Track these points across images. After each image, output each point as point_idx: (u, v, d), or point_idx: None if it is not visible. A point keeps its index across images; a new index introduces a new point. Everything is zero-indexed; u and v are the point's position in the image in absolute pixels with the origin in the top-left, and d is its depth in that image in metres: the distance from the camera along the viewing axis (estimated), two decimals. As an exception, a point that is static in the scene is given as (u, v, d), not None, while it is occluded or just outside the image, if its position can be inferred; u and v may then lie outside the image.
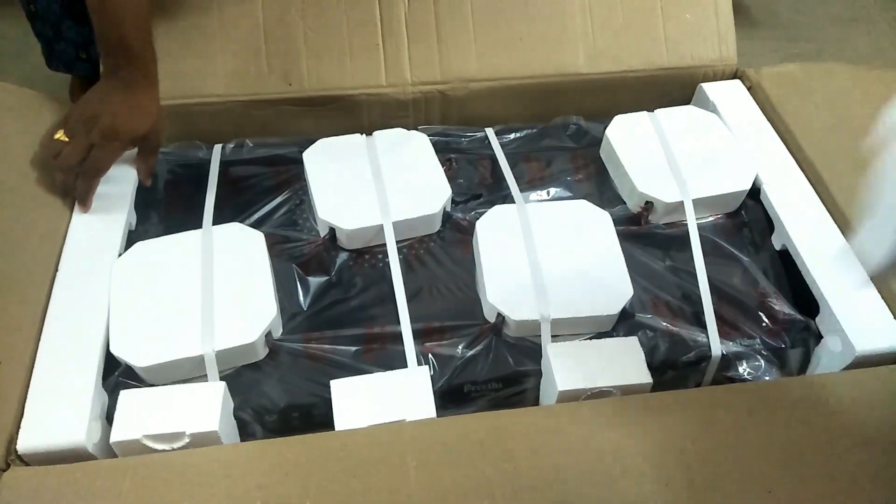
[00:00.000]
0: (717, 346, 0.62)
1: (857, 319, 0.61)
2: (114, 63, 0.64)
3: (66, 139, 0.64)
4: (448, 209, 0.71)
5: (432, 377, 0.59)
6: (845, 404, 0.54)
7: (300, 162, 0.73)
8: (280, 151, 0.76)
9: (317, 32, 0.76)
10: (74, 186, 0.66)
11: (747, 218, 0.72)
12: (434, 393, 0.58)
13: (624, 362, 0.58)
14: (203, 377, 0.59)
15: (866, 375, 0.57)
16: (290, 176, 0.74)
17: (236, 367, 0.61)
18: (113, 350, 0.58)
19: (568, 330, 0.63)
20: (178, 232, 0.67)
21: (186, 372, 0.59)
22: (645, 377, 0.57)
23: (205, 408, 0.55)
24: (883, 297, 0.62)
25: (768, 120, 0.78)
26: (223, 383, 0.57)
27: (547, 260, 0.65)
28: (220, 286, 0.62)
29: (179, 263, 0.64)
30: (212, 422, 0.54)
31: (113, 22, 0.61)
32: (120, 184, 0.71)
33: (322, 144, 0.74)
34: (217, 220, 0.69)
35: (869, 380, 0.57)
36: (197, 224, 0.68)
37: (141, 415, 0.54)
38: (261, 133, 0.78)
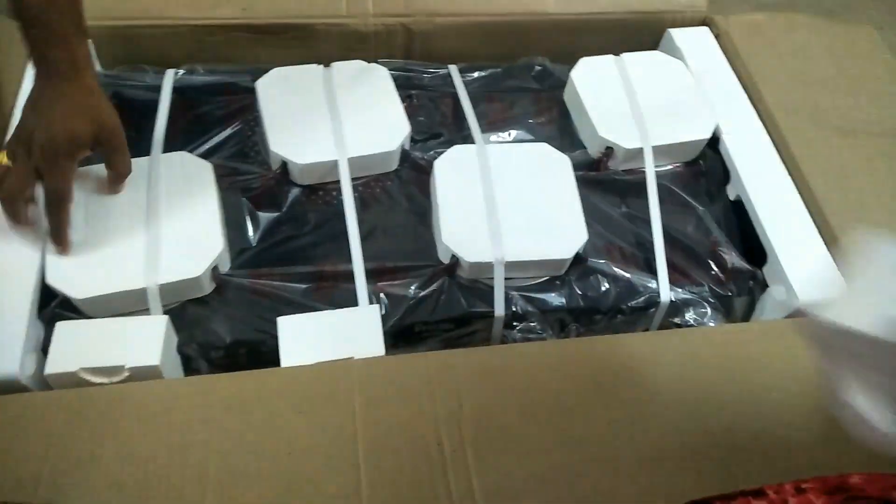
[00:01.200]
0: (666, 293, 0.63)
1: (801, 270, 0.62)
2: (37, 51, 0.53)
3: (9, 162, 0.53)
4: (406, 147, 0.69)
5: (383, 316, 0.59)
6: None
7: (253, 91, 0.70)
8: (232, 79, 0.73)
9: (272, -47, 0.72)
10: (26, 216, 0.55)
11: (705, 167, 0.72)
12: (385, 332, 0.57)
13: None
14: (146, 311, 0.57)
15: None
16: (243, 105, 0.71)
17: (181, 301, 0.59)
18: (49, 280, 0.56)
19: (521, 273, 0.63)
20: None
21: (128, 305, 0.57)
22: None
23: (146, 341, 0.53)
24: (831, 252, 0.63)
25: (733, 69, 0.77)
26: (166, 317, 0.55)
27: (504, 203, 0.64)
28: (166, 217, 0.60)
29: (124, 192, 0.61)
30: (153, 356, 0.52)
31: None
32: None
33: (276, 74, 0.70)
34: (165, 149, 0.66)
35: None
36: (144, 152, 0.65)
37: (78, 347, 0.53)
38: (212, 60, 0.74)
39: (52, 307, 0.57)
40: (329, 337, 0.55)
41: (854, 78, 0.75)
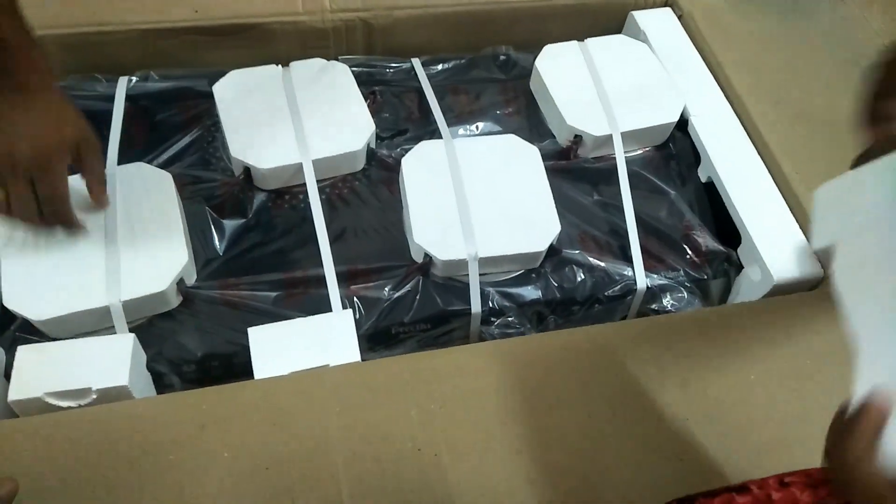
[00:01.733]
0: (642, 280, 0.63)
1: (775, 249, 0.62)
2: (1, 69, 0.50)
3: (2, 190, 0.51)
4: (372, 146, 0.68)
5: (358, 321, 0.58)
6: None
7: (210, 96, 0.67)
8: (188, 84, 0.71)
9: (222, -48, 0.69)
10: (74, 217, 0.55)
11: (675, 150, 0.72)
12: (361, 336, 0.56)
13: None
14: (111, 329, 0.55)
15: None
16: (200, 111, 0.68)
17: (148, 317, 0.57)
18: (6, 303, 0.54)
19: (496, 268, 0.62)
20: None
21: (92, 324, 0.55)
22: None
23: (113, 361, 0.52)
24: (801, 228, 0.63)
25: (697, 50, 0.77)
26: (132, 335, 0.53)
27: (474, 197, 0.63)
28: (126, 231, 0.58)
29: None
30: (121, 376, 0.51)
31: None
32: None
33: (234, 76, 0.68)
34: (121, 160, 0.63)
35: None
36: (98, 165, 0.63)
37: (42, 371, 0.51)
38: (166, 66, 0.72)
39: (13, 330, 0.55)
40: (302, 345, 0.54)
41: (806, 67, 0.75)
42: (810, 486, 0.31)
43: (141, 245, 0.57)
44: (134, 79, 0.71)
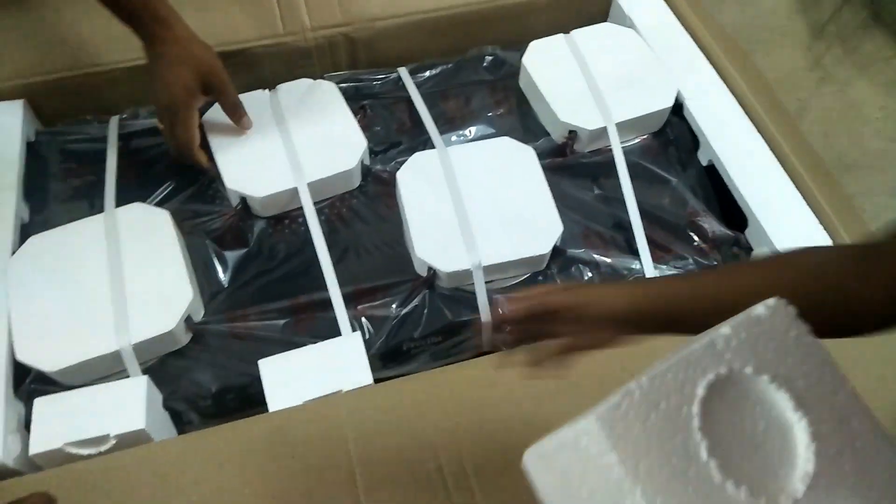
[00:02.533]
0: (650, 272, 0.62)
1: (784, 229, 0.61)
2: (129, 25, 0.59)
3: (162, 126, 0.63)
4: (366, 162, 0.67)
5: (368, 340, 0.58)
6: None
7: (201, 127, 0.67)
8: (178, 118, 0.70)
9: (198, -19, 0.69)
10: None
11: (672, 136, 0.71)
12: (372, 356, 0.56)
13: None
14: (124, 373, 0.56)
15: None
16: (193, 144, 0.68)
17: (159, 356, 0.57)
18: (19, 357, 0.54)
19: (501, 274, 0.61)
20: (79, 219, 0.62)
21: (104, 370, 0.56)
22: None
23: (128, 405, 0.52)
24: (809, 205, 0.62)
25: (686, 30, 0.76)
26: (146, 377, 0.54)
27: (473, 205, 0.62)
28: (130, 274, 0.58)
29: (82, 254, 0.59)
30: (138, 419, 0.51)
31: None
32: (3, 173, 0.64)
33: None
34: (119, 199, 0.63)
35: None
36: (98, 206, 0.63)
37: (60, 421, 0.51)
38: (155, 100, 0.71)
39: (28, 383, 0.55)
40: (314, 372, 0.53)
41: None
42: None
43: (146, 286, 0.57)
44: (124, 115, 0.71)
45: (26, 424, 0.53)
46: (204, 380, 0.57)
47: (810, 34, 0.84)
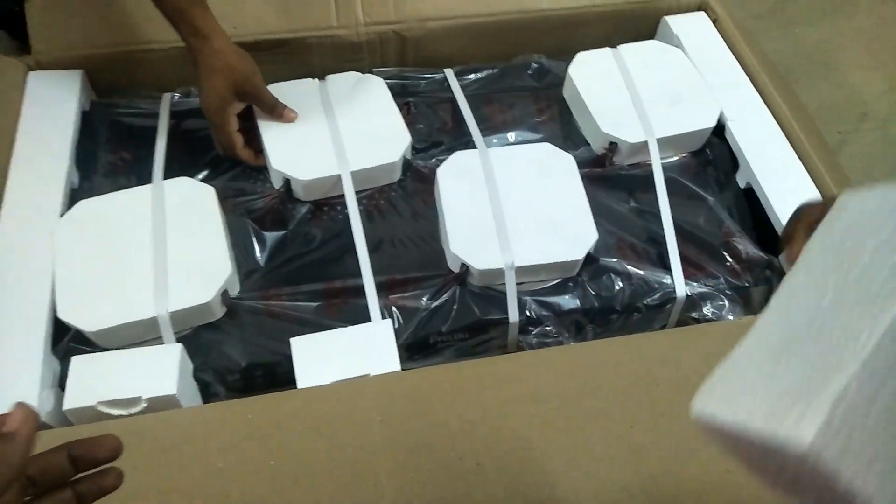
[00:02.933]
0: (681, 288, 0.62)
1: (818, 256, 0.61)
2: (178, 34, 0.63)
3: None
4: (408, 157, 0.68)
5: (397, 330, 0.58)
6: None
7: (250, 109, 0.69)
8: (228, 100, 0.72)
9: (260, -30, 0.71)
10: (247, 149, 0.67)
11: (712, 156, 0.71)
12: (399, 346, 0.57)
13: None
14: (158, 339, 0.57)
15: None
16: (242, 126, 0.70)
17: (193, 327, 0.59)
18: (60, 315, 0.56)
19: (533, 276, 0.62)
20: (126, 188, 0.64)
21: (140, 335, 0.57)
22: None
23: (161, 371, 0.53)
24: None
25: (733, 54, 0.76)
26: (180, 345, 0.55)
27: (510, 206, 0.63)
28: (172, 244, 0.60)
29: (127, 222, 0.61)
30: (169, 385, 0.52)
31: None
32: (57, 139, 0.67)
33: (272, 90, 0.70)
34: (166, 174, 0.65)
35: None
36: (145, 179, 0.65)
37: (95, 381, 0.53)
38: (207, 81, 0.73)
39: (66, 341, 0.57)
40: (344, 355, 0.54)
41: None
42: None
43: (187, 257, 0.59)
44: (177, 95, 0.73)
45: (61, 382, 0.55)
46: (234, 354, 0.58)
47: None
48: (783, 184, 0.66)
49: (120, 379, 0.53)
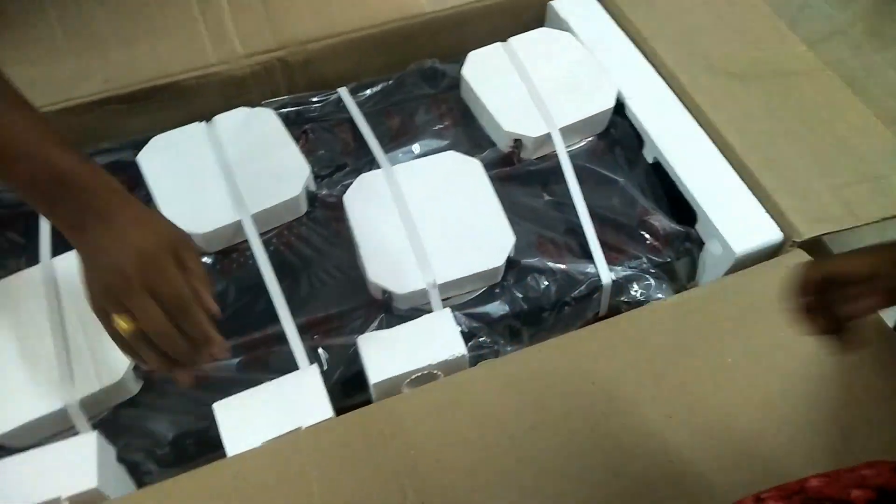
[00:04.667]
0: (606, 275, 0.62)
1: (732, 221, 0.61)
2: (61, 206, 0.43)
3: (130, 324, 0.43)
4: (311, 188, 0.66)
5: (326, 371, 0.56)
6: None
7: (137, 166, 0.65)
8: (113, 158, 0.68)
9: (120, 15, 0.67)
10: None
11: (617, 135, 0.71)
12: (334, 385, 0.55)
13: (436, 338, 0.54)
14: (73, 429, 0.53)
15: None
16: (129, 185, 0.66)
17: (110, 408, 0.55)
18: (-39, 423, 0.51)
19: (457, 290, 0.61)
20: (13, 273, 0.59)
21: (53, 428, 0.54)
22: (459, 349, 0.54)
23: (79, 464, 0.50)
24: (755, 195, 0.63)
25: (622, 29, 0.76)
26: (94, 433, 0.51)
27: (423, 223, 0.61)
28: (72, 325, 0.56)
29: (19, 308, 0.57)
30: (89, 478, 0.49)
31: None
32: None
33: (157, 142, 0.66)
34: (55, 251, 0.61)
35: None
36: (31, 260, 0.60)
37: (10, 488, 0.49)
38: (88, 141, 0.69)
39: (-26, 449, 0.53)
40: (272, 411, 0.52)
41: (732, 24, 0.74)
42: (785, 497, 0.30)
43: (90, 337, 0.55)
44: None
45: (-26, 493, 0.51)
46: (160, 428, 0.55)
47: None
48: (689, 153, 0.66)
49: (36, 481, 0.49)
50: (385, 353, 0.54)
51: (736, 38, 0.73)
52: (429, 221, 0.61)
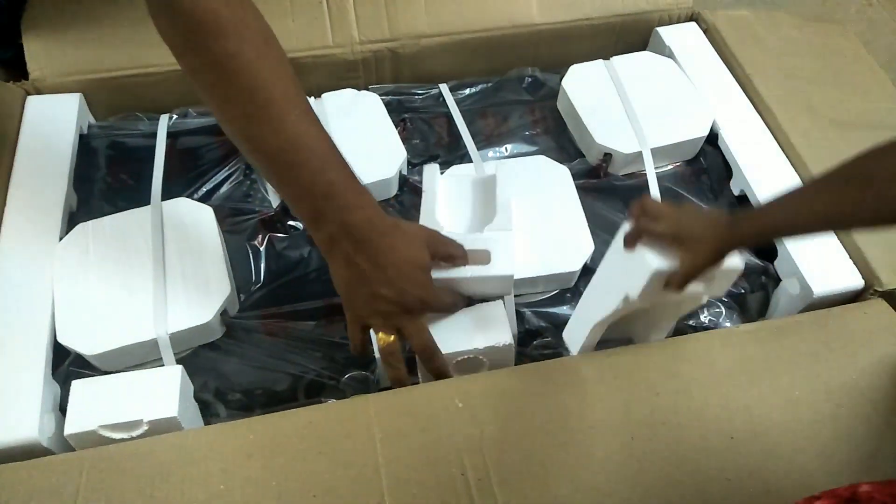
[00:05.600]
0: (679, 297, 0.62)
1: (813, 262, 0.61)
2: (322, 218, 0.48)
3: (389, 337, 0.51)
4: (404, 172, 0.69)
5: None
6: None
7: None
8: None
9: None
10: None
11: (706, 164, 0.71)
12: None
13: (489, 326, 0.55)
14: (159, 361, 0.57)
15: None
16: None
17: (193, 347, 0.59)
18: (60, 339, 0.56)
19: (531, 288, 0.62)
20: (124, 210, 0.64)
21: (141, 357, 0.57)
22: (507, 338, 0.55)
23: (162, 393, 0.53)
24: (840, 240, 0.63)
25: (724, 63, 0.77)
26: (180, 367, 0.55)
27: (507, 219, 0.63)
28: (172, 265, 0.60)
29: (126, 243, 0.61)
30: (170, 407, 0.52)
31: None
32: (55, 163, 0.67)
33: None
34: (164, 195, 0.66)
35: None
36: (144, 201, 0.65)
37: (95, 405, 0.52)
38: (203, 103, 0.74)
39: (66, 365, 0.57)
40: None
41: (839, 73, 0.74)
42: (835, 501, 0.31)
43: (186, 278, 0.59)
44: (174, 116, 0.73)
45: (61, 406, 0.55)
46: (234, 374, 0.58)
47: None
48: (776, 190, 0.66)
49: (121, 402, 0.52)
50: (436, 335, 0.54)
51: (841, 86, 0.73)
52: (513, 217, 0.63)
